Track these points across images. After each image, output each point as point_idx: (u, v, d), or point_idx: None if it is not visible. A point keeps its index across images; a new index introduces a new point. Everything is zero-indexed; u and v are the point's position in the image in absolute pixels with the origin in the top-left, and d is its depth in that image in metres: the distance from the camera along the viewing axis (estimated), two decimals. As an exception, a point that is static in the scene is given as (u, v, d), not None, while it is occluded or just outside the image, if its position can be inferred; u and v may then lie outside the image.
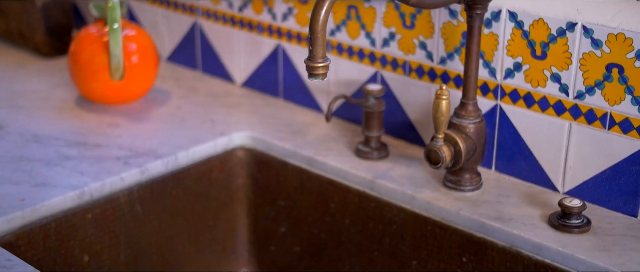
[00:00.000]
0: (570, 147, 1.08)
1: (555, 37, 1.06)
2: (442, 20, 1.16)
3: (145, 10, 1.58)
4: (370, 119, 1.20)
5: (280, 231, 1.29)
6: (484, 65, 1.13)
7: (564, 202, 1.02)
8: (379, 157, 1.21)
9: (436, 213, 1.10)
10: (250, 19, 1.41)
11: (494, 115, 1.14)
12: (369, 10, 1.24)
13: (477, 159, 1.10)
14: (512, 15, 1.09)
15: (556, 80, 1.07)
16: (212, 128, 1.31)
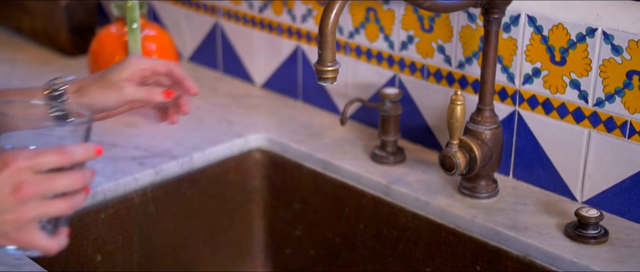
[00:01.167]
0: (589, 155, 1.06)
1: (574, 43, 1.03)
2: (461, 24, 1.14)
3: (168, 10, 1.59)
4: (387, 123, 1.19)
5: (296, 234, 1.28)
6: (502, 70, 1.11)
7: (580, 212, 1.00)
8: (394, 161, 1.19)
9: (450, 220, 1.08)
10: (270, 20, 1.40)
11: (512, 122, 1.12)
12: (388, 13, 1.22)
13: (493, 166, 1.08)
14: (531, 19, 1.07)
15: (575, 87, 1.05)
16: (229, 129, 1.30)
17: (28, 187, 0.67)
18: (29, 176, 0.67)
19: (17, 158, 0.67)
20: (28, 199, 0.67)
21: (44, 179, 0.68)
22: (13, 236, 0.68)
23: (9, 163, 0.67)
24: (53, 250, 0.71)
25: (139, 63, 0.94)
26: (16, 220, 0.67)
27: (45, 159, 0.68)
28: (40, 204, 0.68)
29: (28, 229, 0.68)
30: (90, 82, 0.93)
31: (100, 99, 0.92)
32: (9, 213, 0.67)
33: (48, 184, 0.68)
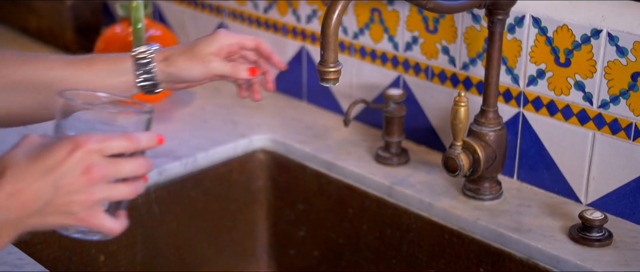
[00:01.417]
0: (593, 157, 1.05)
1: (579, 44, 1.03)
2: (465, 25, 1.14)
3: (173, 10, 1.59)
4: (391, 124, 1.18)
5: (300, 235, 1.28)
6: (506, 71, 1.11)
7: (584, 215, 0.99)
8: (398, 163, 1.19)
9: (454, 222, 1.08)
10: (275, 21, 1.40)
11: (516, 123, 1.12)
12: (392, 14, 1.22)
13: (497, 168, 1.08)
14: (536, 21, 1.06)
15: (580, 89, 1.04)
16: (233, 130, 1.30)
17: (98, 169, 0.69)
18: (99, 159, 0.69)
19: (89, 141, 0.69)
20: (97, 181, 0.69)
21: (111, 163, 0.70)
22: (81, 216, 0.70)
23: (81, 145, 0.68)
24: (116, 232, 0.72)
25: (227, 38, 0.94)
26: (85, 201, 0.69)
27: (114, 143, 0.70)
28: (107, 187, 0.70)
29: (95, 210, 0.70)
30: (178, 52, 0.94)
31: (186, 71, 0.93)
32: (79, 193, 0.69)
33: (115, 168, 0.70)
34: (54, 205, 0.69)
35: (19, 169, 0.67)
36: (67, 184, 0.68)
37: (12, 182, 0.67)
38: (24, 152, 0.69)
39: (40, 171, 0.67)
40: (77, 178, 0.68)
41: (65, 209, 0.69)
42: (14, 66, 0.88)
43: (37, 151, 0.68)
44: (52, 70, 0.89)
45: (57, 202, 0.68)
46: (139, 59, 0.91)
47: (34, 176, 0.67)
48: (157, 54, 0.94)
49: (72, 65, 0.91)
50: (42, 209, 0.68)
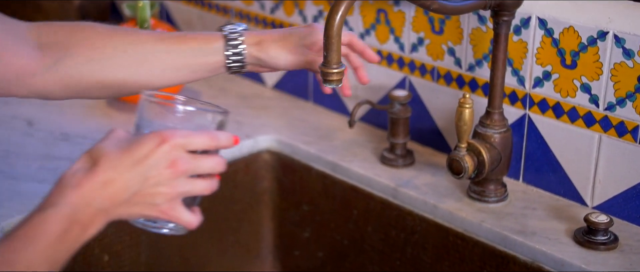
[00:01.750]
0: (599, 160, 1.05)
1: (585, 46, 1.02)
2: (471, 26, 1.13)
3: (181, 10, 1.59)
4: (396, 126, 1.18)
5: (304, 236, 1.28)
6: (512, 73, 1.10)
7: (590, 218, 0.98)
8: (403, 164, 1.19)
9: (458, 224, 1.07)
10: (281, 21, 1.40)
11: (522, 125, 1.11)
12: (398, 15, 1.22)
13: (502, 170, 1.07)
14: (542, 22, 1.05)
15: (586, 91, 1.04)
16: (238, 130, 1.30)
17: (181, 163, 0.72)
18: (183, 154, 0.72)
19: (174, 135, 0.71)
20: (180, 175, 0.72)
21: (193, 158, 0.73)
22: (163, 208, 0.72)
23: (167, 139, 0.71)
24: (194, 225, 0.76)
25: (322, 33, 0.94)
26: (169, 193, 0.72)
27: (197, 140, 0.73)
28: (188, 181, 0.73)
29: (175, 203, 0.73)
30: (272, 39, 0.94)
31: (277, 58, 0.94)
32: (163, 186, 0.71)
33: (197, 163, 0.73)
34: (141, 195, 0.71)
35: (111, 160, 0.70)
36: (154, 175, 0.71)
37: (105, 172, 0.69)
38: (113, 144, 0.71)
39: (131, 162, 0.70)
40: (162, 170, 0.71)
41: (150, 200, 0.72)
42: (109, 39, 0.91)
43: (126, 143, 0.71)
44: (145, 45, 0.92)
45: (144, 193, 0.71)
46: (230, 39, 0.92)
47: (125, 166, 0.70)
48: (248, 36, 0.94)
49: (164, 41, 0.92)
50: (130, 199, 0.71)
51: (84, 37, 0.91)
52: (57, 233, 0.67)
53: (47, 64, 0.89)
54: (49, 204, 0.69)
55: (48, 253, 0.67)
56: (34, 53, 0.89)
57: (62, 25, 0.92)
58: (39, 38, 0.90)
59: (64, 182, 0.70)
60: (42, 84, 0.90)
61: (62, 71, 0.90)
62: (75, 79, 0.91)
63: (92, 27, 0.92)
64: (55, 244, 0.67)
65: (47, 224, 0.67)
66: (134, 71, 0.92)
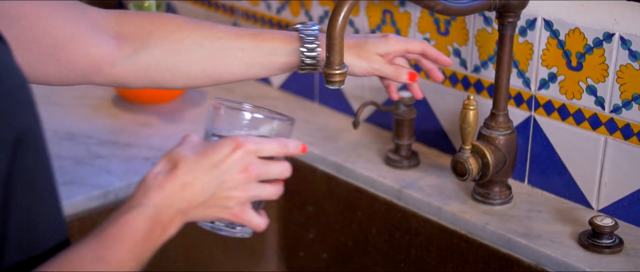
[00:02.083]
0: (605, 162, 1.04)
1: (591, 48, 1.01)
2: (477, 28, 1.12)
3: (188, 10, 1.59)
4: (401, 127, 1.17)
5: (309, 237, 1.28)
6: (518, 75, 1.09)
7: (594, 221, 0.98)
8: (408, 166, 1.18)
9: (462, 226, 1.06)
10: (287, 21, 1.39)
11: (527, 127, 1.10)
12: (404, 16, 1.21)
13: (507, 172, 1.07)
14: (548, 24, 1.05)
15: (592, 93, 1.03)
16: (243, 131, 1.30)
17: (254, 168, 0.75)
18: (255, 159, 0.75)
19: (247, 141, 0.74)
20: (252, 179, 0.75)
21: (264, 164, 0.76)
22: (235, 211, 0.75)
23: (241, 145, 0.74)
24: (262, 227, 0.78)
25: (397, 44, 0.96)
26: (241, 197, 0.75)
27: (268, 146, 0.76)
28: (258, 185, 0.76)
29: (246, 206, 0.76)
30: (347, 46, 0.94)
31: (351, 65, 0.95)
32: (237, 190, 0.74)
33: (267, 169, 0.76)
34: (216, 198, 0.74)
35: (189, 163, 0.72)
36: (228, 179, 0.74)
37: (184, 174, 0.72)
38: (190, 148, 0.74)
39: (208, 166, 0.73)
40: (236, 175, 0.74)
41: (224, 203, 0.74)
42: (188, 32, 0.93)
43: (203, 148, 0.74)
44: (221, 40, 0.93)
45: (218, 196, 0.74)
46: (307, 42, 0.93)
47: (202, 170, 0.72)
48: (323, 40, 0.94)
49: (240, 38, 0.94)
50: (206, 202, 0.74)
51: (163, 29, 0.93)
52: (143, 233, 0.70)
53: (125, 54, 0.91)
54: (135, 204, 0.71)
55: (135, 252, 0.69)
56: (113, 42, 0.91)
57: (140, 15, 0.94)
58: (117, 27, 0.92)
59: (147, 183, 0.73)
60: (119, 73, 0.92)
61: (140, 62, 0.92)
62: (152, 70, 0.93)
63: (171, 18, 0.94)
64: (141, 243, 0.70)
65: (134, 224, 0.70)
66: (208, 65, 0.93)
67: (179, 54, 0.93)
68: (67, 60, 0.88)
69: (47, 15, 0.85)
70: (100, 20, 0.92)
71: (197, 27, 0.94)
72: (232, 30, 0.95)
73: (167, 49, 0.93)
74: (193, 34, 0.93)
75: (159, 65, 0.93)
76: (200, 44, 0.93)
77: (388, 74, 0.96)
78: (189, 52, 0.93)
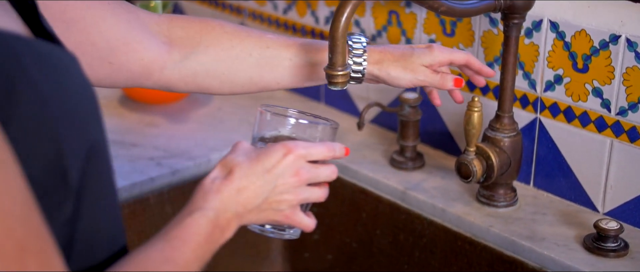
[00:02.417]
0: (611, 165, 1.03)
1: (597, 50, 1.01)
2: (483, 29, 1.12)
3: (195, 10, 1.59)
4: (406, 128, 1.17)
5: (314, 238, 1.27)
6: (523, 76, 1.09)
7: (599, 224, 0.97)
8: (413, 167, 1.18)
9: (467, 229, 1.06)
10: (294, 22, 1.39)
11: (533, 129, 1.10)
12: (410, 16, 1.21)
13: (511, 174, 1.06)
14: (554, 25, 1.04)
15: (598, 95, 1.02)
16: (249, 131, 1.30)
17: (304, 172, 0.77)
18: (305, 164, 0.77)
19: (297, 146, 0.77)
20: (303, 183, 0.77)
21: (313, 168, 0.78)
22: (286, 214, 0.78)
23: (292, 150, 0.76)
24: (312, 228, 0.81)
25: (442, 54, 0.96)
26: (292, 200, 0.77)
27: (316, 150, 0.78)
28: (307, 189, 0.78)
29: (297, 209, 0.78)
30: (392, 59, 0.96)
31: (395, 78, 0.96)
32: (288, 193, 0.77)
33: (315, 173, 0.79)
34: (268, 202, 0.76)
35: (243, 169, 0.75)
36: (281, 184, 0.76)
37: (240, 179, 0.75)
38: (243, 154, 0.77)
39: (261, 171, 0.75)
40: (288, 179, 0.76)
41: (276, 206, 0.77)
42: (238, 40, 0.94)
43: (255, 154, 0.76)
44: (269, 49, 0.95)
45: (271, 200, 0.76)
46: (355, 55, 0.93)
47: (256, 175, 0.75)
48: (370, 53, 0.95)
49: (289, 49, 0.95)
50: (260, 205, 0.76)
51: (213, 36, 0.94)
52: (205, 235, 0.72)
53: (175, 59, 0.93)
54: (196, 208, 0.73)
55: (198, 253, 0.72)
56: (163, 47, 0.92)
57: (191, 21, 0.95)
58: (168, 32, 0.93)
59: (206, 188, 0.75)
60: (167, 78, 0.93)
61: (189, 67, 0.94)
62: (200, 76, 0.94)
63: (220, 26, 0.95)
64: (204, 245, 0.72)
65: (196, 226, 0.72)
66: (255, 74, 0.95)
67: (228, 62, 0.94)
68: (120, 64, 0.89)
69: (103, 19, 0.86)
70: (152, 24, 0.93)
71: (247, 36, 0.95)
72: (280, 39, 0.96)
73: (216, 57, 0.94)
74: (242, 43, 0.95)
75: (208, 72, 0.94)
76: (249, 53, 0.95)
77: (434, 83, 0.97)
78: (238, 60, 0.95)
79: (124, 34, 0.88)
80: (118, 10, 0.88)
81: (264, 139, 0.82)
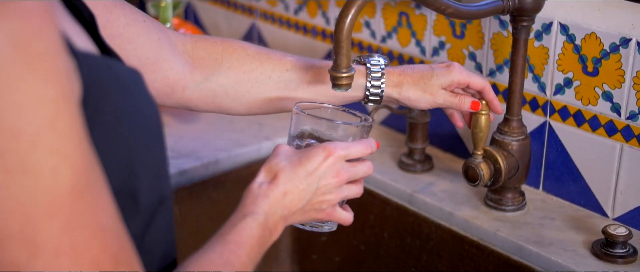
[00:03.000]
0: (621, 170, 1.02)
1: (608, 53, 0.99)
2: (492, 31, 1.11)
3: (207, 10, 1.59)
4: (414, 131, 1.16)
5: (322, 240, 1.27)
6: (533, 79, 1.08)
7: (608, 230, 0.96)
8: (422, 170, 1.17)
9: (474, 232, 1.05)
10: (304, 22, 1.39)
11: (542, 133, 1.09)
12: (420, 18, 1.20)
13: (520, 178, 1.05)
14: (564, 28, 1.03)
15: (608, 99, 1.01)
16: (258, 132, 1.30)
17: (344, 173, 0.80)
18: (344, 164, 0.80)
19: (337, 148, 0.79)
20: (343, 183, 0.80)
21: (352, 166, 0.81)
22: (327, 212, 0.81)
23: (332, 152, 0.79)
24: (351, 221, 0.84)
25: (460, 75, 0.97)
26: (333, 199, 0.80)
27: (355, 149, 0.81)
28: (346, 187, 0.81)
29: (336, 207, 0.82)
30: (412, 81, 0.96)
31: (415, 102, 0.97)
32: (330, 194, 0.80)
33: (354, 171, 0.81)
34: (311, 203, 0.79)
35: (287, 173, 0.78)
36: (323, 185, 0.79)
37: (284, 184, 0.77)
38: (285, 158, 0.79)
39: (304, 175, 0.78)
40: (329, 180, 0.79)
41: (318, 206, 0.80)
42: (258, 63, 0.96)
43: (296, 158, 0.79)
44: (288, 72, 0.96)
45: (314, 201, 0.79)
46: (374, 79, 0.94)
47: (300, 179, 0.78)
48: (388, 76, 0.96)
49: (308, 72, 0.96)
50: (303, 207, 0.79)
51: (234, 58, 0.96)
52: (257, 238, 0.75)
53: (196, 80, 0.94)
54: (248, 212, 0.76)
55: (252, 256, 0.74)
56: (187, 67, 0.94)
57: (214, 42, 0.96)
58: (193, 52, 0.95)
59: (254, 193, 0.78)
60: (188, 98, 0.95)
61: (209, 88, 0.95)
62: (219, 97, 0.96)
63: (242, 48, 0.97)
64: (256, 248, 0.75)
65: (250, 230, 0.74)
66: (274, 96, 0.97)
67: (247, 84, 0.96)
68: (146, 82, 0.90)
69: (138, 36, 0.88)
70: (179, 43, 0.94)
71: (268, 59, 0.97)
72: (300, 62, 0.97)
73: (236, 79, 0.96)
74: (263, 65, 0.96)
75: (227, 94, 0.96)
76: (268, 76, 0.96)
77: (452, 104, 0.98)
78: (257, 82, 0.96)
79: (154, 53, 0.90)
80: (152, 28, 0.90)
81: (301, 137, 0.85)
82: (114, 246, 0.55)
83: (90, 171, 0.53)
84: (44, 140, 0.50)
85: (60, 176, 0.51)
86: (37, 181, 0.50)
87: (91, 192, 0.53)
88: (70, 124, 0.51)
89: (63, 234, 0.52)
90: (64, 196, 0.51)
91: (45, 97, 0.50)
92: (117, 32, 0.86)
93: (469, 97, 0.99)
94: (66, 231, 0.52)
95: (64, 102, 0.51)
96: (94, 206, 0.54)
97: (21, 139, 0.49)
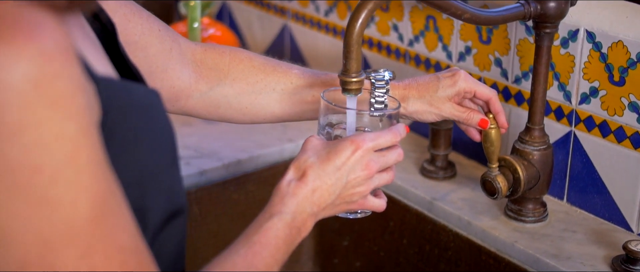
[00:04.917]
0: (646, 184, 0.98)
1: (635, 63, 0.96)
2: (518, 37, 1.08)
3: (241, 9, 1.59)
4: (437, 137, 1.14)
5: (343, 244, 1.26)
6: (559, 87, 1.04)
7: (629, 246, 0.92)
8: (444, 177, 1.15)
9: (491, 243, 1.03)
10: (334, 24, 1.38)
11: (567, 143, 1.05)
12: (447, 22, 1.18)
13: (541, 189, 1.02)
14: (590, 35, 0.99)
15: (634, 110, 0.97)
16: (282, 134, 1.29)
17: (373, 164, 0.79)
18: (373, 155, 0.79)
19: (365, 140, 0.79)
20: (373, 174, 0.80)
21: (381, 156, 0.80)
22: (359, 203, 0.81)
23: (360, 145, 0.78)
24: (384, 207, 0.84)
25: (465, 83, 0.95)
26: (364, 191, 0.80)
27: (383, 139, 0.81)
28: (376, 177, 0.81)
29: (367, 197, 0.81)
30: (417, 95, 0.96)
31: (421, 115, 0.97)
32: (360, 186, 0.79)
33: (385, 160, 0.81)
34: (342, 197, 0.79)
35: (315, 170, 0.77)
36: (352, 179, 0.78)
37: (313, 181, 0.77)
38: (313, 154, 0.79)
39: (332, 170, 0.77)
40: (359, 173, 0.79)
41: (349, 199, 0.80)
42: (263, 75, 0.96)
43: (324, 152, 0.78)
44: (292, 85, 0.96)
45: (344, 194, 0.79)
46: (378, 95, 0.92)
47: (328, 174, 0.77)
48: (393, 90, 0.95)
49: (313, 87, 0.96)
50: (333, 201, 0.79)
51: (240, 69, 0.96)
52: (283, 238, 0.75)
53: (201, 89, 0.95)
54: (275, 212, 0.76)
55: (277, 256, 0.74)
56: (193, 76, 0.94)
57: (221, 52, 0.96)
58: (202, 62, 0.95)
59: (282, 191, 0.77)
60: (192, 106, 0.96)
61: (213, 99, 0.96)
62: (223, 107, 0.96)
63: (249, 59, 0.96)
64: (282, 248, 0.75)
65: (275, 231, 0.74)
66: (277, 108, 0.97)
67: (251, 96, 0.96)
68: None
69: (152, 45, 0.89)
70: (189, 52, 0.95)
71: (273, 71, 0.96)
72: (305, 75, 0.96)
73: (240, 90, 0.96)
74: (268, 78, 0.96)
75: (231, 104, 0.96)
76: (273, 88, 0.96)
77: (459, 118, 0.96)
78: (261, 94, 0.96)
79: (163, 62, 0.90)
80: (165, 37, 0.90)
81: (331, 125, 0.85)
82: (132, 263, 0.56)
83: (110, 196, 0.55)
84: (64, 174, 0.52)
85: (79, 207, 0.53)
86: (57, 212, 0.52)
87: (110, 216, 0.55)
88: (89, 157, 0.53)
89: (81, 260, 0.53)
90: (83, 225, 0.53)
91: (65, 134, 0.51)
92: (131, 40, 0.86)
93: (478, 114, 0.96)
94: (85, 257, 0.53)
95: (83, 137, 0.52)
96: (112, 230, 0.55)
97: (42, 174, 0.51)
